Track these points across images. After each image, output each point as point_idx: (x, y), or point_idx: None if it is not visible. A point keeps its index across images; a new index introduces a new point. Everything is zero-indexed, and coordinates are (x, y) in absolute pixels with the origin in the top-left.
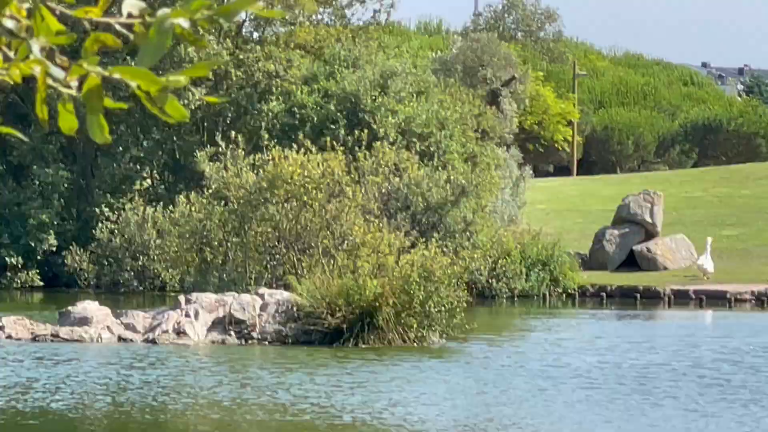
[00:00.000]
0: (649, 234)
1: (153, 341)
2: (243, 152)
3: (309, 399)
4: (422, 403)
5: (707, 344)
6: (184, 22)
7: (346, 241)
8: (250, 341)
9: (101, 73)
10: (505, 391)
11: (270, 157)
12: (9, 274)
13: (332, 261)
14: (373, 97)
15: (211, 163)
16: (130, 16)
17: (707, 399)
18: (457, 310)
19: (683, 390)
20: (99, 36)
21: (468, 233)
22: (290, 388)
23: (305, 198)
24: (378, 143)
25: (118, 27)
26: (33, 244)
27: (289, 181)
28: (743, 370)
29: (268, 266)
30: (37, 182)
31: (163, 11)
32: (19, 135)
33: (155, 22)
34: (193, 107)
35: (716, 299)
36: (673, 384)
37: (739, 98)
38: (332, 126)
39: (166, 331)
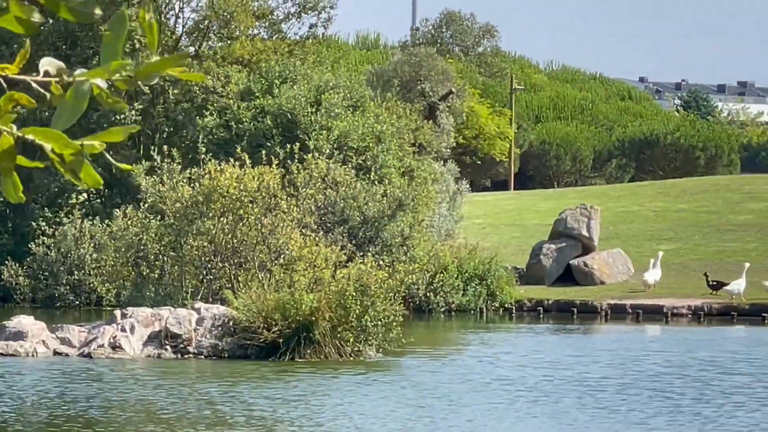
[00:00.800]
0: (586, 248)
1: (89, 356)
2: (179, 166)
3: (253, 412)
4: (364, 417)
5: (650, 358)
6: (101, 83)
7: (282, 255)
8: (186, 356)
9: (14, 133)
10: (446, 405)
11: (206, 171)
12: None
13: (268, 275)
14: (309, 112)
15: (147, 177)
16: (47, 74)
17: (654, 412)
18: (394, 324)
19: (629, 403)
20: (14, 95)
21: (405, 247)
22: (232, 401)
23: (241, 212)
24: (310, 155)
25: (34, 85)
26: None
27: (225, 195)
28: (689, 383)
29: (205, 280)
30: None
31: (80, 71)
32: None
33: (73, 83)
34: (129, 122)
35: (653, 314)
36: (619, 397)
37: (676, 113)
38: (268, 141)
39: (102, 346)
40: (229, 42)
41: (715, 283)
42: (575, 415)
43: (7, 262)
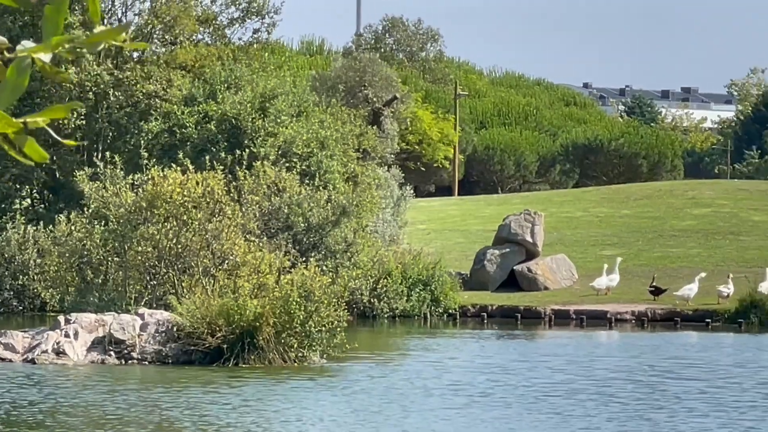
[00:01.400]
0: (530, 254)
1: (32, 361)
2: (123, 172)
3: (200, 418)
4: (311, 422)
5: (597, 363)
6: (45, 56)
7: (226, 261)
8: (129, 361)
9: None
10: (393, 410)
11: (149, 177)
12: None
13: (212, 281)
14: (254, 117)
15: (90, 183)
16: None
17: (606, 417)
18: (338, 329)
19: (581, 408)
20: None
21: (349, 253)
22: (178, 407)
23: (185, 217)
24: (258, 163)
25: None
26: None
27: (169, 200)
28: (639, 388)
29: (149, 286)
30: None
31: (22, 46)
32: None
33: (15, 59)
34: (72, 126)
35: (597, 319)
36: (569, 402)
37: (620, 119)
38: (213, 147)
39: (46, 351)
40: (172, 47)
41: (653, 288)
42: (526, 420)
43: None
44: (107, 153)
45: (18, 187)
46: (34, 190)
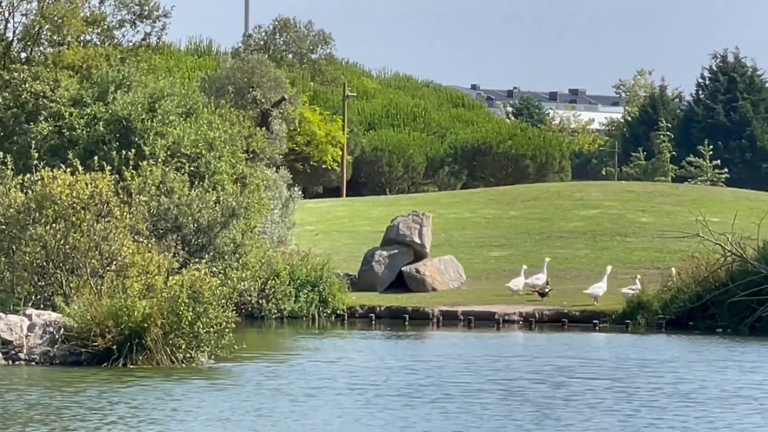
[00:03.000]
0: (418, 255)
1: None
2: (12, 172)
3: (89, 420)
4: (200, 423)
5: (496, 364)
6: None
7: (114, 262)
8: (17, 362)
9: None
10: (282, 411)
11: (38, 178)
12: None
13: (101, 281)
14: (143, 119)
15: None
16: None
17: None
18: (226, 330)
19: (484, 407)
20: None
21: (237, 254)
22: (66, 408)
23: (74, 218)
24: (145, 162)
25: None
26: None
27: (58, 201)
28: (552, 387)
29: (37, 286)
30: None
31: None
32: None
33: None
34: None
35: (484, 320)
36: (468, 401)
37: (508, 120)
38: (103, 147)
39: None
40: (60, 48)
41: (538, 289)
42: (419, 417)
43: None
44: None
45: None
46: None
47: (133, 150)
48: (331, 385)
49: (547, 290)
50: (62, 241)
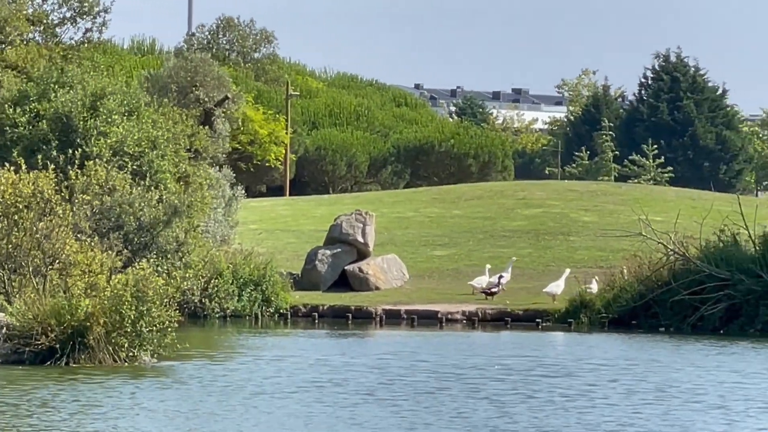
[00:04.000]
0: (362, 254)
1: None
2: None
3: (29, 419)
4: (143, 420)
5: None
6: None
7: (57, 261)
8: None
9: None
10: (225, 409)
11: None
12: None
13: (44, 280)
14: (85, 118)
15: None
16: None
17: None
18: (169, 329)
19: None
20: None
21: (180, 253)
22: (6, 408)
23: (16, 217)
24: (90, 162)
25: None
26: None
27: (0, 200)
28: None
29: None
30: None
31: None
32: None
33: None
34: None
35: (427, 319)
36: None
37: (451, 120)
38: (45, 146)
39: None
40: (2, 47)
41: (484, 289)
42: (368, 414)
43: None
44: None
45: None
46: None
47: (78, 150)
48: (274, 384)
49: (494, 290)
50: (4, 240)
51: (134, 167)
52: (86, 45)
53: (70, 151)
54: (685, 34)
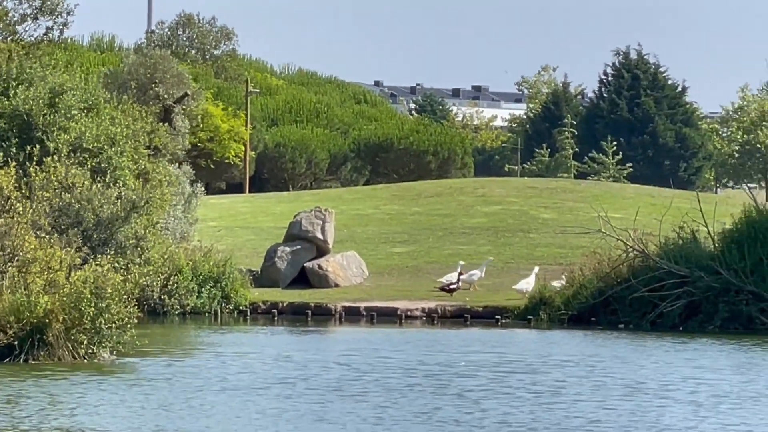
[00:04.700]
0: (321, 251)
1: None
2: None
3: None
4: (104, 417)
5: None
6: None
7: (16, 257)
8: None
9: None
10: (187, 406)
11: None
12: None
13: (2, 277)
14: (45, 114)
15: None
16: None
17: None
18: (128, 326)
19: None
20: None
21: (139, 250)
22: None
23: None
24: (49, 159)
25: None
26: None
27: None
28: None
29: None
30: None
31: None
32: None
33: None
34: None
35: (387, 316)
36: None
37: (411, 117)
38: (4, 143)
39: None
40: None
41: (442, 286)
42: (331, 410)
43: None
44: None
45: None
46: None
47: (36, 146)
48: (237, 381)
49: (453, 287)
50: None
51: (93, 164)
52: (46, 43)
53: (29, 147)
54: (645, 31)
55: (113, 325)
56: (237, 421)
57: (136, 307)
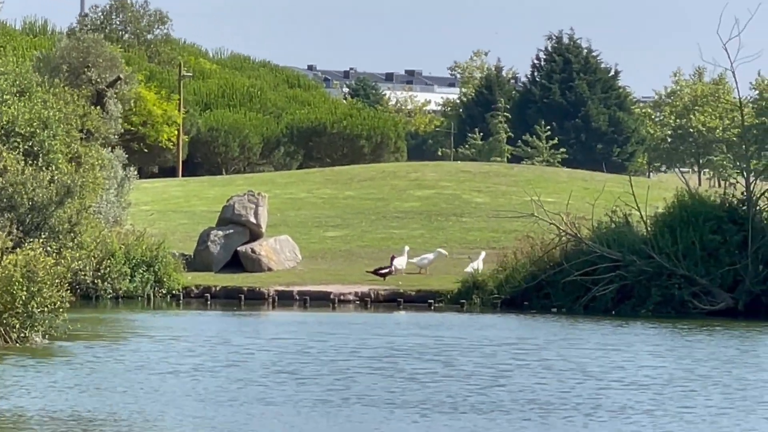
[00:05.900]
0: (254, 235)
1: None
2: None
3: None
4: (37, 402)
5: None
6: None
7: None
8: None
9: None
10: (121, 389)
11: None
12: None
13: None
14: None
15: None
16: None
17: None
18: (61, 310)
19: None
20: None
21: (72, 234)
22: None
23: None
24: None
25: None
26: None
27: None
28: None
29: None
30: None
31: None
32: None
33: None
34: None
35: (320, 300)
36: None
37: (344, 101)
38: None
39: None
40: None
41: (375, 270)
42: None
43: None
44: None
45: None
46: None
47: None
48: (171, 364)
49: (384, 271)
50: None
51: (26, 147)
52: None
53: None
54: (577, 15)
55: (45, 309)
56: (170, 402)
57: (68, 291)
